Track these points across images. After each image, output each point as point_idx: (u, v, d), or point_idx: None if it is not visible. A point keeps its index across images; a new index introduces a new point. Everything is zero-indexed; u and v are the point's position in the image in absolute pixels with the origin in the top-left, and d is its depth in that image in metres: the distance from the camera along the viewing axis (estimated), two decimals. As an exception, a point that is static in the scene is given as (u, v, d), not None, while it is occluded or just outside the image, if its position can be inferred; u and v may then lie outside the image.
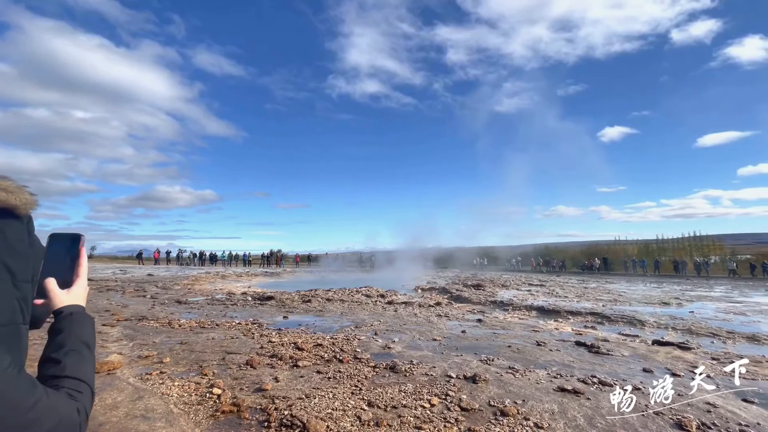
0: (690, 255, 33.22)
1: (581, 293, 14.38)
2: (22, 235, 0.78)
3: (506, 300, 12.15)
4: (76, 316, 0.84)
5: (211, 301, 10.98)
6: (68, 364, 0.76)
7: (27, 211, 0.79)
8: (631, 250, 38.11)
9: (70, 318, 0.83)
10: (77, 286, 0.88)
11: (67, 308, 0.84)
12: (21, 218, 0.78)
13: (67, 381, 0.73)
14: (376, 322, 7.63)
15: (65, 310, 0.83)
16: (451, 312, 9.59)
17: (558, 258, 37.09)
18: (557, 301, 11.91)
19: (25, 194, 0.77)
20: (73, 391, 0.72)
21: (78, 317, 0.84)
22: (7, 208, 0.74)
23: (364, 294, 12.59)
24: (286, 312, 9.05)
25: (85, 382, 0.76)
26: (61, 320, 0.82)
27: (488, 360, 4.88)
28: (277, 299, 11.07)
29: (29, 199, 0.78)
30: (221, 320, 7.62)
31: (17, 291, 0.73)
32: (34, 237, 0.83)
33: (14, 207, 0.74)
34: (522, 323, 8.27)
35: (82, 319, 0.85)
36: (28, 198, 0.78)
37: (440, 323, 7.80)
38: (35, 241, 0.83)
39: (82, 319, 0.85)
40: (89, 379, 0.78)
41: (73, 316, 0.83)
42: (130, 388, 3.59)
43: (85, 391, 0.75)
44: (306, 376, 4.09)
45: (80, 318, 0.84)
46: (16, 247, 0.75)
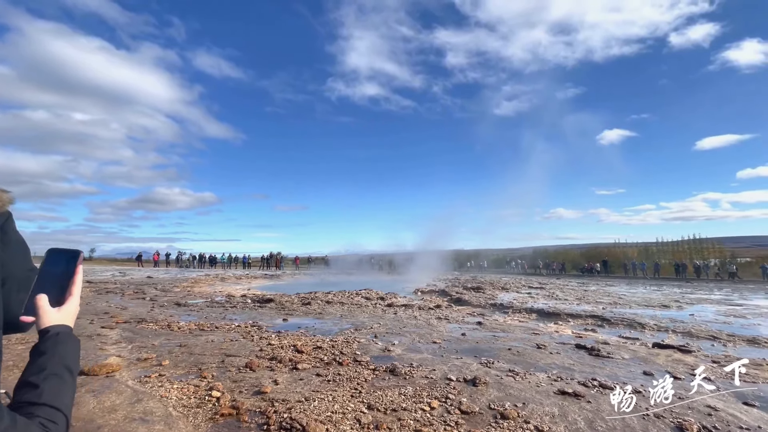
0: (690, 258, 33.21)
1: (581, 296, 14.36)
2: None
3: (506, 303, 12.13)
4: (62, 336, 0.78)
5: (210, 304, 10.96)
6: (46, 390, 0.70)
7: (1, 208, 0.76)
8: (631, 252, 38.02)
9: (55, 339, 0.77)
10: (69, 304, 0.83)
11: (54, 328, 0.78)
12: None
13: (42, 409, 0.68)
14: (376, 325, 7.61)
15: (51, 330, 0.77)
16: (451, 315, 9.58)
17: (558, 261, 37.07)
18: (557, 304, 11.89)
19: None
20: (47, 421, 0.67)
21: (63, 338, 0.78)
22: None
23: (364, 296, 12.58)
24: (285, 314, 9.04)
25: (61, 411, 0.70)
26: (46, 341, 0.76)
27: (488, 363, 4.87)
28: (277, 302, 11.06)
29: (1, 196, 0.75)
30: (220, 323, 7.60)
31: None
32: (11, 234, 0.79)
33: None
34: (522, 326, 8.26)
35: (67, 341, 0.78)
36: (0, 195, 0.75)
37: (440, 326, 7.78)
38: (12, 238, 0.79)
39: (68, 340, 0.79)
40: (66, 408, 0.72)
41: (59, 337, 0.77)
42: (129, 391, 3.58)
43: (59, 421, 0.69)
44: (305, 378, 4.08)
45: (66, 339, 0.78)
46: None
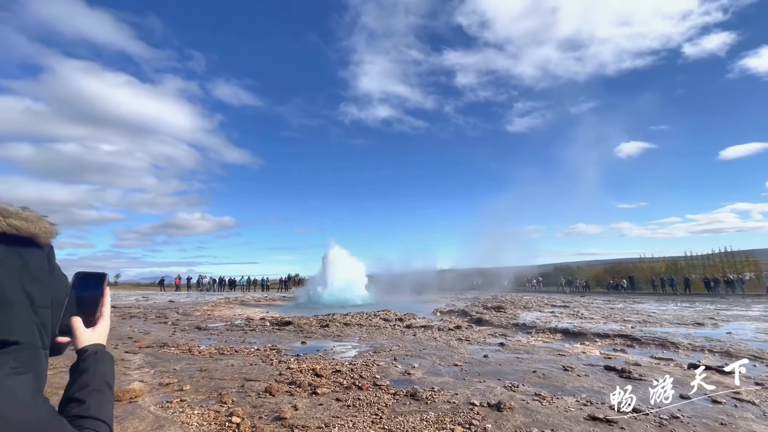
0: (723, 272, 31.59)
1: (608, 314, 13.80)
2: (42, 263, 0.80)
3: (529, 322, 11.76)
4: (99, 355, 0.85)
5: (230, 327, 11.03)
6: (92, 404, 0.77)
7: (47, 239, 0.81)
8: (659, 267, 36.42)
9: (94, 357, 0.84)
10: (101, 325, 0.90)
11: (92, 347, 0.86)
12: (42, 247, 0.80)
13: (90, 422, 0.75)
14: (395, 347, 7.48)
15: (90, 349, 0.85)
16: (471, 335, 9.34)
17: (581, 277, 35.88)
18: (583, 323, 11.45)
19: (45, 223, 0.80)
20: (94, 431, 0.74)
21: (101, 356, 0.86)
22: (28, 236, 0.77)
23: (382, 318, 12.42)
24: (304, 337, 9.00)
25: (105, 422, 0.77)
26: (86, 359, 0.84)
27: (513, 386, 4.70)
28: (295, 324, 11.04)
29: (49, 228, 0.81)
30: (240, 346, 7.62)
31: (36, 317, 0.75)
32: (54, 265, 0.85)
33: (34, 235, 0.77)
34: (546, 347, 7.97)
35: (104, 359, 0.86)
36: (47, 227, 0.80)
37: (461, 347, 7.59)
38: (55, 269, 0.86)
39: (105, 358, 0.87)
40: (109, 419, 0.79)
41: (97, 355, 0.85)
42: (151, 417, 3.60)
43: (104, 431, 0.76)
44: (325, 403, 4.02)
45: (103, 357, 0.86)
46: (36, 274, 0.77)
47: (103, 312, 0.91)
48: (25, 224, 0.77)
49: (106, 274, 0.92)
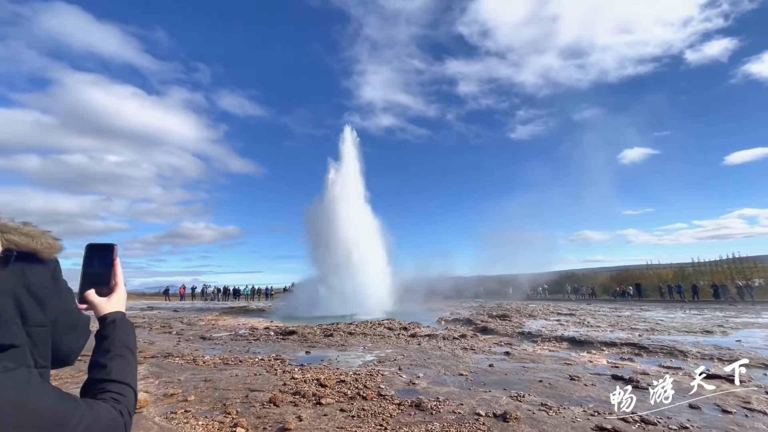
0: (731, 278, 31.15)
1: (615, 322, 13.64)
2: (45, 279, 0.79)
3: (534, 331, 11.65)
4: (119, 322, 0.90)
5: (234, 337, 11.01)
6: (113, 368, 0.81)
7: (51, 255, 0.80)
8: (666, 274, 36.00)
9: (113, 325, 0.88)
10: (117, 294, 0.94)
11: (111, 315, 0.90)
12: (46, 263, 0.79)
13: (112, 384, 0.78)
14: (400, 357, 7.44)
15: (109, 317, 0.90)
16: (476, 344, 9.26)
17: (587, 285, 35.53)
18: (589, 332, 11.32)
19: (48, 238, 0.79)
20: (117, 394, 0.77)
21: (120, 323, 0.90)
22: (29, 252, 0.76)
23: (387, 327, 12.35)
24: (308, 347, 8.97)
25: (128, 384, 0.81)
26: (106, 327, 0.88)
27: (519, 396, 4.65)
28: (299, 333, 11.00)
29: (52, 244, 0.80)
30: (244, 356, 7.60)
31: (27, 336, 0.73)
32: (61, 282, 0.85)
33: (36, 251, 0.77)
34: (553, 356, 7.88)
35: (124, 325, 0.90)
36: (51, 242, 0.80)
37: (466, 357, 7.53)
38: (61, 286, 0.85)
39: (124, 325, 0.91)
40: (132, 381, 0.83)
41: (116, 323, 0.89)
42: (156, 428, 3.60)
43: (128, 394, 0.80)
44: (329, 414, 4.00)
45: (122, 324, 0.90)
46: (34, 291, 0.76)
47: (117, 281, 0.94)
48: (25, 240, 0.76)
49: (115, 244, 0.95)
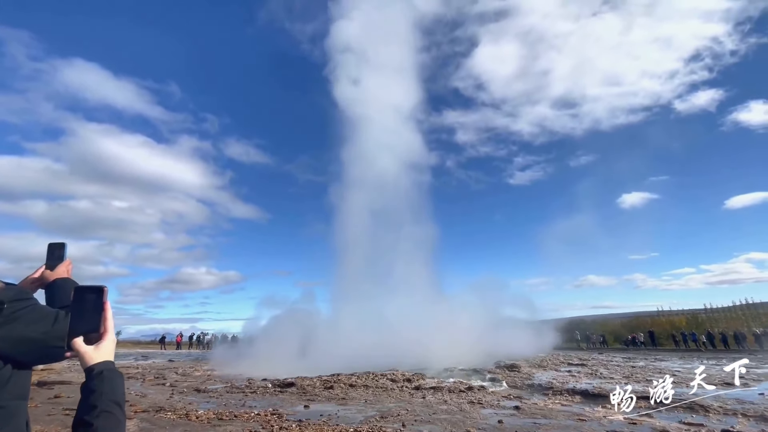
0: (747, 325, 30.01)
1: (629, 374, 12.99)
2: None
3: (545, 383, 11.09)
4: (106, 373, 0.84)
5: (230, 389, 10.53)
6: (100, 426, 0.77)
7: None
8: (679, 321, 34.75)
9: (101, 377, 0.82)
10: (105, 342, 0.88)
11: (98, 366, 0.84)
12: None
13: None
14: (403, 411, 7.05)
15: (96, 368, 0.83)
16: (484, 398, 8.79)
17: (597, 332, 34.21)
18: (603, 384, 10.76)
19: None
20: None
21: (108, 374, 0.84)
22: None
23: (390, 378, 11.81)
24: (307, 400, 8.54)
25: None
26: (93, 378, 0.82)
27: (531, 457, 4.34)
28: (298, 386, 10.52)
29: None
30: (240, 410, 7.22)
31: None
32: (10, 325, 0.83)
33: None
34: (565, 410, 7.44)
35: (112, 376, 0.84)
36: None
37: (473, 411, 7.12)
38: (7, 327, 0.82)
39: (113, 376, 0.85)
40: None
41: (104, 374, 0.83)
42: (142, 493, 3.35)
43: None
44: (328, 477, 3.73)
45: (111, 375, 0.84)
46: None
47: (106, 327, 0.89)
48: None
49: (105, 287, 0.90)
